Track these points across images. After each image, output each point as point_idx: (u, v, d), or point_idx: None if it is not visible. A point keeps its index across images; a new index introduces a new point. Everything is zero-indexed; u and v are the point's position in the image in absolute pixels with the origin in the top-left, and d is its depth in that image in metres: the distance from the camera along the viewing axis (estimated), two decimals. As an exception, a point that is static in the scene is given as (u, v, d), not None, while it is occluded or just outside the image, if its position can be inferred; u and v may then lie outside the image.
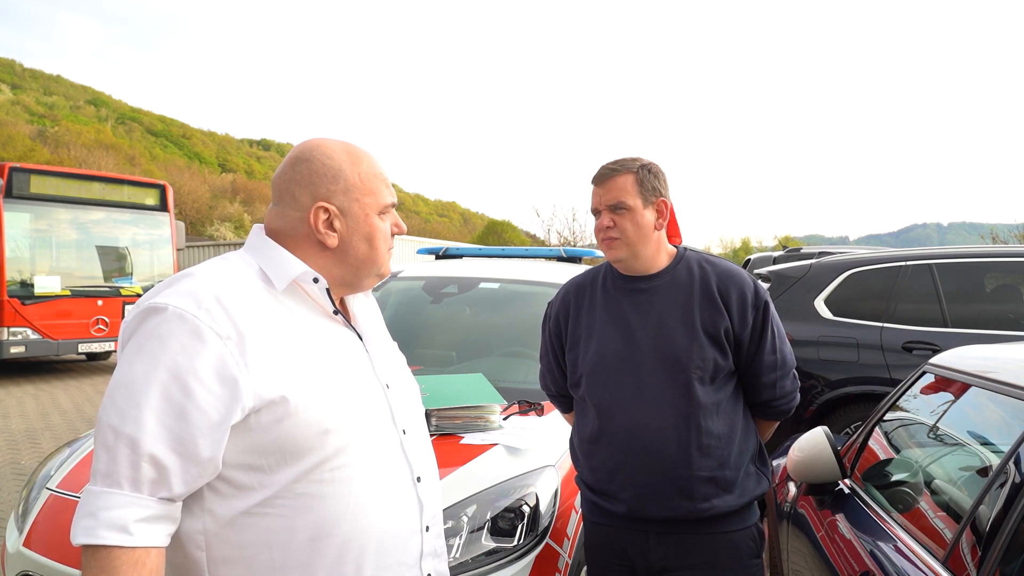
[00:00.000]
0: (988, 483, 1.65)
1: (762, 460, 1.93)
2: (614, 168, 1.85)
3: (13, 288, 9.71)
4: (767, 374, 1.87)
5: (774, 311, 1.89)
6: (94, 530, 1.03)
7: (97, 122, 55.46)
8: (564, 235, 23.36)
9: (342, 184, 1.25)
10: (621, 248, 1.84)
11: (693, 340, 1.80)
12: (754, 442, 1.91)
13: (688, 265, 1.89)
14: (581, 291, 2.00)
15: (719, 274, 1.87)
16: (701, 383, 1.79)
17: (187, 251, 19.60)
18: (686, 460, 1.77)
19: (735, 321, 1.82)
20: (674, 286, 1.86)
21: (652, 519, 1.82)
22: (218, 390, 1.08)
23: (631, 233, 1.82)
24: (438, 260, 4.57)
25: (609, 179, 1.84)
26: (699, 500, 1.78)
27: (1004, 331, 4.44)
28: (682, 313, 1.83)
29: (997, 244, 17.43)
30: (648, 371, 1.81)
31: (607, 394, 1.86)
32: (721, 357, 1.81)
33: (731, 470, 1.81)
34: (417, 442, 1.34)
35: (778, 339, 1.88)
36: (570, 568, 2.22)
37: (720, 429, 1.81)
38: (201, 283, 1.14)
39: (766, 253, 11.26)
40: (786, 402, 1.94)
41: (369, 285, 1.34)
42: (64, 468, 2.40)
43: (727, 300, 1.83)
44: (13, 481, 5.24)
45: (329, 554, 1.16)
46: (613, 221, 1.83)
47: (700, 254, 1.94)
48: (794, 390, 1.94)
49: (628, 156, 1.88)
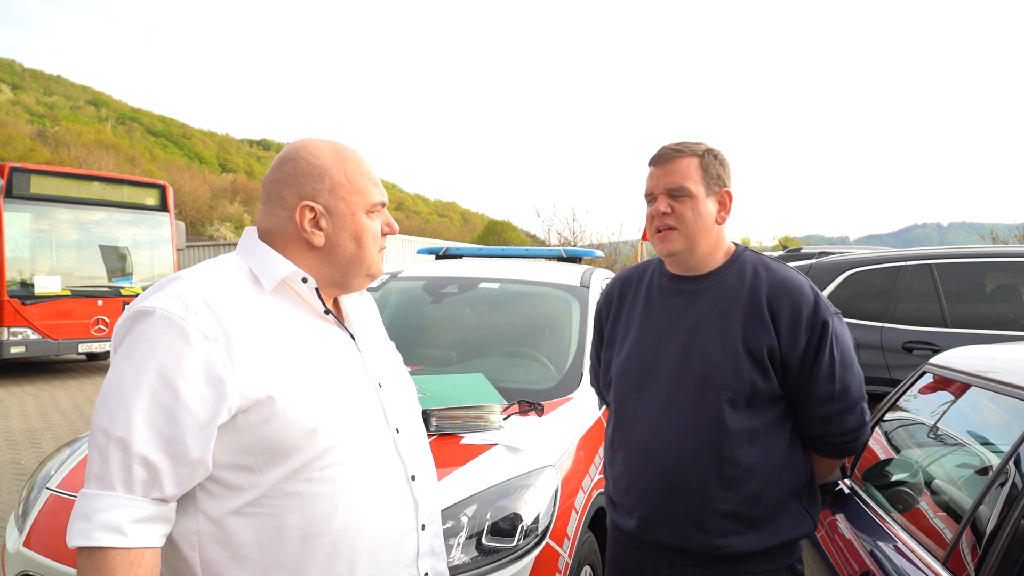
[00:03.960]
0: (988, 483, 1.65)
1: (810, 499, 1.68)
2: (678, 149, 1.66)
3: (13, 288, 9.70)
4: (820, 406, 1.60)
5: (839, 332, 1.61)
6: (89, 532, 1.04)
7: (97, 122, 55.48)
8: (564, 235, 23.36)
9: (327, 183, 1.25)
10: (677, 240, 1.64)
11: (728, 356, 1.59)
12: (801, 478, 1.65)
13: (742, 268, 1.67)
14: (627, 286, 1.83)
15: (773, 283, 1.63)
16: (733, 406, 1.58)
17: (187, 251, 19.60)
18: (704, 490, 1.59)
19: (783, 340, 1.58)
20: (719, 292, 1.66)
21: (663, 545, 1.66)
22: (205, 391, 1.09)
23: (691, 222, 1.63)
24: (438, 260, 4.57)
25: (671, 160, 1.65)
26: (714, 535, 1.59)
27: (1004, 331, 4.44)
28: (721, 324, 1.62)
29: (997, 244, 17.43)
30: (675, 385, 1.63)
31: (630, 403, 1.71)
32: (761, 379, 1.58)
33: (761, 507, 1.59)
34: (411, 441, 1.34)
35: (839, 366, 1.59)
36: (570, 568, 2.22)
37: (751, 460, 1.58)
38: (189, 286, 1.15)
39: (766, 253, 11.25)
40: (846, 440, 1.65)
41: (360, 285, 1.33)
42: (64, 468, 2.41)
43: (776, 314, 1.59)
44: (13, 481, 5.24)
45: (321, 553, 1.17)
46: (671, 207, 1.63)
47: (760, 257, 1.71)
48: (859, 427, 1.65)
49: (691, 140, 1.69)
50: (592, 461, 2.62)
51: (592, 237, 23.16)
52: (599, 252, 5.32)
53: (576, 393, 2.86)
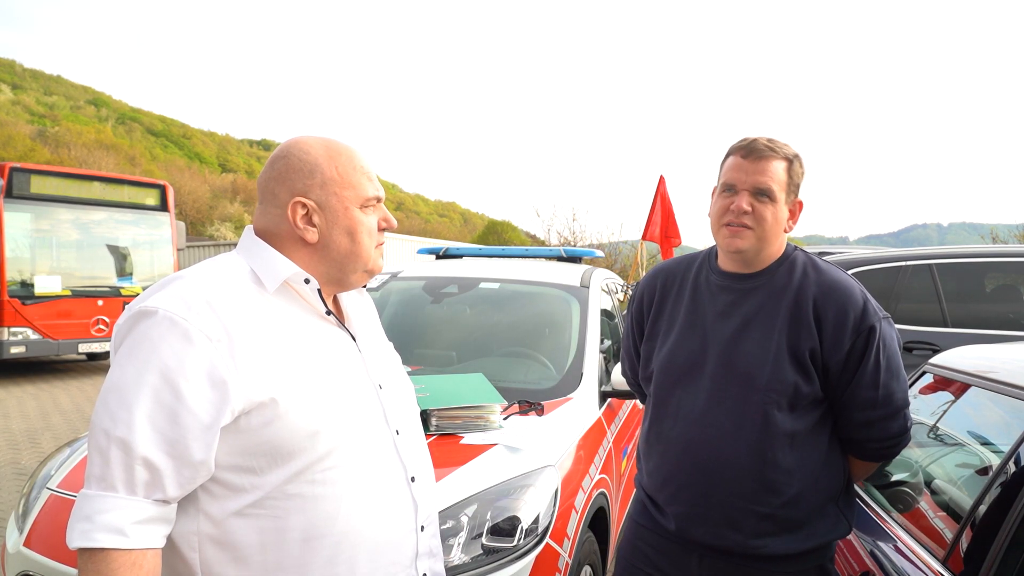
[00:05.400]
0: (988, 483, 1.65)
1: (847, 502, 1.67)
2: (772, 148, 1.60)
3: (13, 288, 9.70)
4: (862, 411, 1.59)
5: (887, 338, 1.59)
6: (90, 533, 1.04)
7: (97, 122, 55.46)
8: (564, 235, 23.36)
9: (319, 178, 1.24)
10: (749, 239, 1.60)
11: (771, 357, 1.57)
12: (839, 480, 1.64)
13: (791, 268, 1.65)
14: (671, 279, 1.80)
15: (821, 284, 1.60)
16: (778, 408, 1.56)
17: (187, 251, 19.58)
18: (743, 491, 1.58)
19: (826, 344, 1.56)
20: (767, 291, 1.63)
21: (696, 542, 1.65)
22: (208, 392, 1.08)
23: (768, 225, 1.59)
24: (438, 260, 4.57)
25: (764, 158, 1.59)
26: (750, 536, 1.58)
27: (1004, 331, 4.45)
28: (766, 324, 1.60)
29: (997, 244, 17.43)
30: (718, 384, 1.61)
31: (672, 399, 1.69)
32: (805, 382, 1.56)
33: (799, 510, 1.58)
34: (411, 442, 1.34)
35: (884, 372, 1.57)
36: (570, 568, 2.22)
37: (791, 463, 1.57)
38: (191, 286, 1.14)
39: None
40: (887, 446, 1.64)
41: (357, 282, 1.33)
42: (64, 468, 2.41)
43: (821, 318, 1.57)
44: (13, 481, 5.24)
45: (322, 554, 1.17)
46: (753, 206, 1.59)
47: (811, 258, 1.68)
48: (901, 433, 1.62)
49: (780, 140, 1.64)
50: (592, 461, 2.62)
51: (592, 237, 23.17)
52: (599, 252, 5.32)
53: (576, 393, 2.86)
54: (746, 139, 1.64)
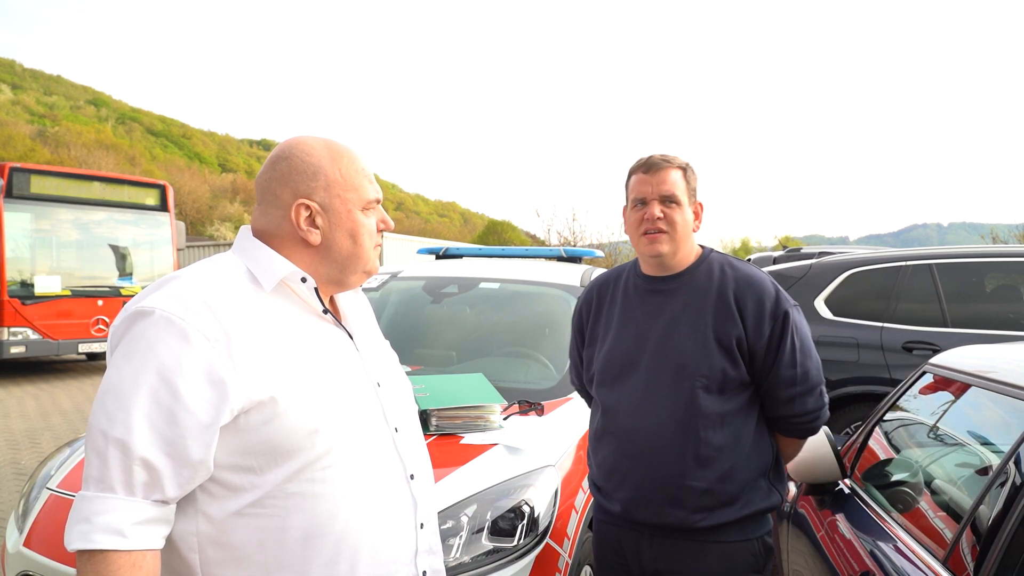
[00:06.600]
0: (988, 483, 1.65)
1: (777, 475, 1.84)
2: (667, 160, 1.81)
3: (13, 288, 9.71)
4: (784, 389, 1.77)
5: (799, 322, 1.79)
6: (89, 535, 1.03)
7: (97, 122, 55.47)
8: (564, 235, 23.37)
9: (322, 180, 1.24)
10: (666, 243, 1.79)
11: (701, 347, 1.75)
12: (768, 457, 1.82)
13: (709, 268, 1.84)
14: (604, 289, 1.98)
15: (739, 279, 1.80)
16: (707, 392, 1.73)
17: (187, 251, 19.59)
18: (680, 470, 1.74)
19: (749, 331, 1.75)
20: (691, 289, 1.82)
21: (644, 523, 1.81)
22: (207, 392, 1.08)
23: (680, 228, 1.78)
24: (438, 260, 4.57)
25: (663, 170, 1.79)
26: (692, 511, 1.74)
27: (1004, 331, 4.44)
28: (693, 318, 1.78)
29: (997, 244, 17.43)
30: (653, 376, 1.78)
31: (612, 395, 1.85)
32: (731, 367, 1.74)
33: (733, 484, 1.74)
34: (410, 440, 1.34)
35: (800, 353, 1.77)
36: (570, 568, 2.22)
37: (722, 441, 1.74)
38: (188, 286, 1.14)
39: (766, 253, 11.24)
40: (807, 421, 1.82)
41: (356, 282, 1.33)
42: (64, 468, 2.41)
43: (743, 308, 1.76)
44: (13, 481, 5.24)
45: (323, 553, 1.16)
46: (664, 213, 1.78)
47: (725, 257, 1.88)
48: (818, 409, 1.82)
49: (670, 153, 1.85)
50: (592, 461, 2.62)
51: (592, 237, 23.19)
52: (599, 252, 5.32)
53: (576, 393, 2.86)
54: (643, 158, 1.85)
